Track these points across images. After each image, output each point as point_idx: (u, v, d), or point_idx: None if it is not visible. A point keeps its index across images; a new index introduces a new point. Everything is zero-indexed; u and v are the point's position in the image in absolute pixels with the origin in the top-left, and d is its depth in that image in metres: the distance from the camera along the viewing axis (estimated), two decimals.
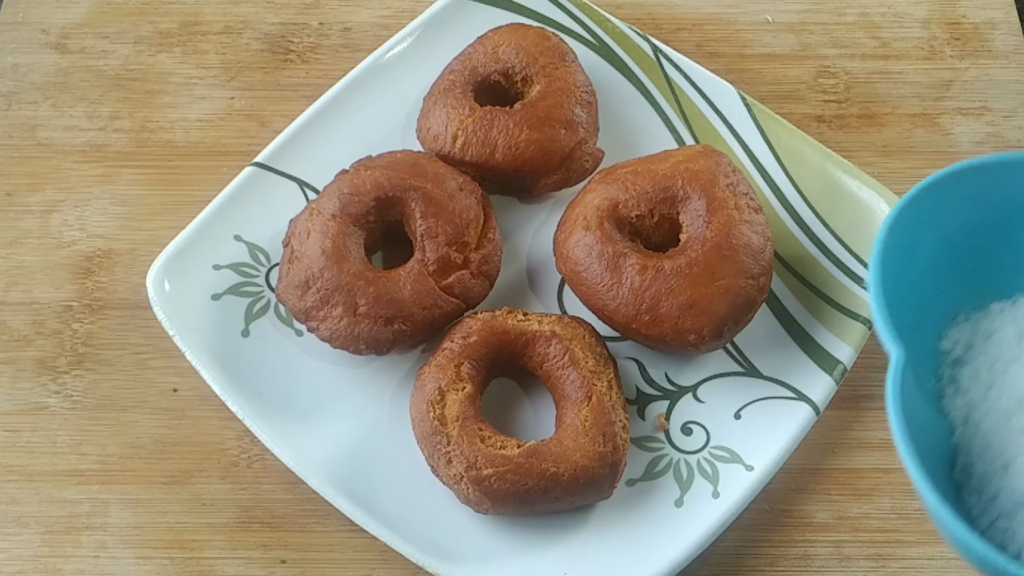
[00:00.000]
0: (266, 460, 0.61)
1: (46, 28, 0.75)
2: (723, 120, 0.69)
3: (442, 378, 0.58)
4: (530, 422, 0.61)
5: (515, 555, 0.57)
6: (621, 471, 0.57)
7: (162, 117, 0.72)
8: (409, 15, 0.73)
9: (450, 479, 0.57)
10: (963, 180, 0.48)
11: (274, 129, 0.69)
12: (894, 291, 0.46)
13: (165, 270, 0.62)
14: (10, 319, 0.65)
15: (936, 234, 0.49)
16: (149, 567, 0.59)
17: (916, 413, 0.45)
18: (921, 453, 0.42)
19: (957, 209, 0.49)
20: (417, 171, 0.62)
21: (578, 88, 0.66)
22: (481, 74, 0.67)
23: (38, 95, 0.72)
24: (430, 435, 0.57)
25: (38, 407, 0.63)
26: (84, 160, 0.70)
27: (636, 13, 0.75)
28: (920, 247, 0.49)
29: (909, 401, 0.44)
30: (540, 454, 0.56)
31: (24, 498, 0.60)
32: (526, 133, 0.64)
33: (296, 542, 0.59)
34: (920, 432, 0.44)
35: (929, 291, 0.49)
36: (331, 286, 0.59)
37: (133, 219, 0.68)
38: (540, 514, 0.57)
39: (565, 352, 0.58)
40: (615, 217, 0.61)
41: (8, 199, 0.69)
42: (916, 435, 0.43)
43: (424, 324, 0.60)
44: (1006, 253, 0.50)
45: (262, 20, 0.75)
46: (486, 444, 0.56)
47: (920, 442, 0.43)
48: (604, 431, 0.57)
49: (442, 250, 0.60)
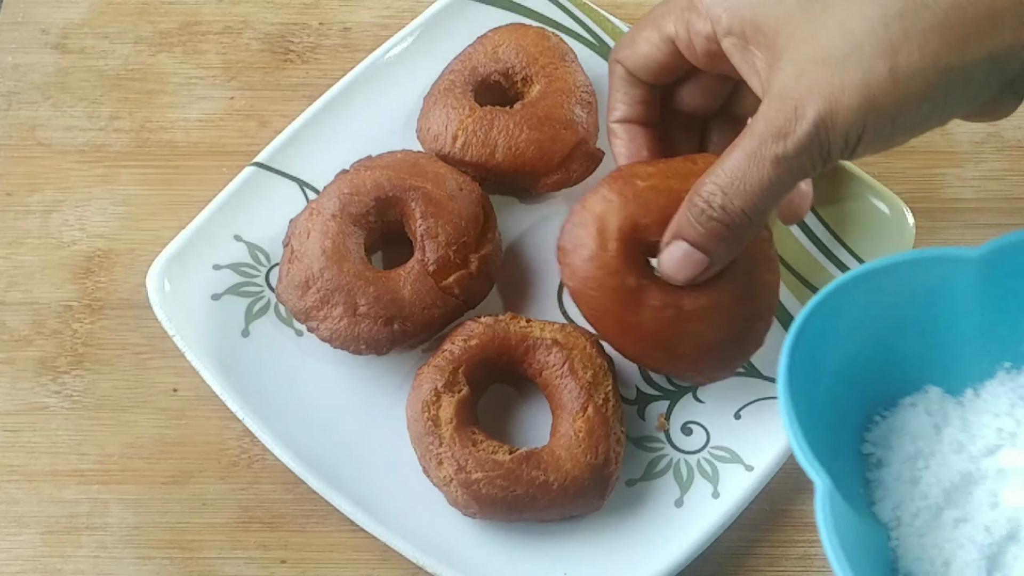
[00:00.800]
0: (266, 460, 0.61)
1: (46, 28, 0.75)
2: None
3: (439, 379, 0.58)
4: (525, 429, 0.61)
5: (515, 555, 0.57)
6: (612, 484, 0.57)
7: (162, 117, 0.72)
8: (409, 15, 0.72)
9: (440, 481, 0.57)
10: (863, 283, 0.48)
11: (274, 129, 0.69)
12: (808, 405, 0.45)
13: (165, 270, 0.62)
14: (10, 319, 0.65)
15: (842, 338, 0.48)
16: (149, 567, 0.59)
17: (850, 527, 0.44)
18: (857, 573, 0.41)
19: (860, 310, 0.48)
20: (417, 171, 0.62)
21: (578, 88, 0.66)
22: (481, 74, 0.67)
23: (38, 95, 0.72)
24: (423, 435, 0.57)
25: (38, 407, 0.63)
26: (84, 160, 0.70)
27: (636, 13, 0.75)
28: (829, 353, 0.48)
29: (841, 519, 0.43)
30: (531, 461, 0.56)
31: (24, 498, 0.60)
32: (526, 133, 0.64)
33: (296, 542, 0.59)
34: (858, 546, 0.43)
35: (844, 396, 0.49)
36: (331, 286, 0.59)
37: (133, 219, 0.68)
38: (528, 522, 0.57)
39: (565, 361, 0.58)
40: (634, 239, 0.54)
41: (8, 199, 0.69)
42: (854, 552, 0.42)
43: (424, 324, 0.60)
44: (911, 346, 0.50)
45: (262, 20, 0.75)
46: (478, 448, 0.56)
47: (859, 558, 0.42)
48: (598, 443, 0.56)
49: (442, 250, 0.60)
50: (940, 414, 0.51)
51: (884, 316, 0.49)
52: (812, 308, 0.47)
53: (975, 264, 0.48)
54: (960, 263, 0.48)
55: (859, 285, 0.47)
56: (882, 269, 0.48)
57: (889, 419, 0.50)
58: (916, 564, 0.46)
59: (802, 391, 0.46)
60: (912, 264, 0.48)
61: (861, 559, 0.43)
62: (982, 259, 0.48)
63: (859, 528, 0.46)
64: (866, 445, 0.49)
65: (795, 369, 0.46)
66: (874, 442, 0.49)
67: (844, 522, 0.43)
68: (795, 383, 0.45)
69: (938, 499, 0.47)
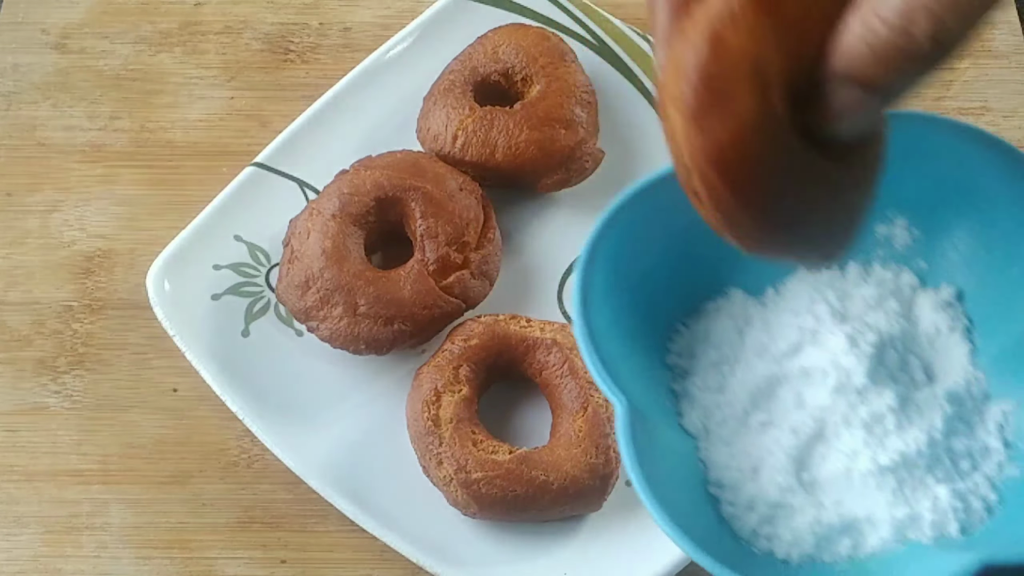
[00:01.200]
0: (266, 460, 0.61)
1: (46, 28, 0.75)
2: None
3: (439, 379, 0.58)
4: (526, 429, 0.61)
5: (515, 555, 0.57)
6: (612, 484, 0.57)
7: (162, 117, 0.72)
8: (409, 15, 0.72)
9: (440, 480, 0.57)
10: (654, 193, 0.45)
11: (274, 129, 0.69)
12: (611, 323, 0.44)
13: (165, 270, 0.62)
14: (10, 319, 0.65)
15: (640, 251, 0.46)
16: (149, 567, 0.59)
17: (659, 445, 0.43)
18: (663, 494, 0.40)
19: (655, 221, 0.46)
20: (417, 171, 0.62)
21: (578, 88, 0.66)
22: (481, 74, 0.67)
23: (38, 95, 0.72)
24: (423, 435, 0.57)
25: (38, 407, 0.63)
26: (84, 160, 0.70)
27: (636, 13, 0.75)
28: (627, 269, 0.45)
29: (647, 438, 0.42)
30: (531, 461, 0.56)
31: (24, 498, 0.60)
32: (526, 133, 0.64)
33: (296, 542, 0.59)
34: (667, 462, 0.42)
35: (648, 310, 0.47)
36: (331, 286, 0.59)
37: (133, 219, 0.68)
38: (528, 522, 0.57)
39: (565, 361, 0.58)
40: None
41: (8, 199, 0.69)
42: (662, 470, 0.41)
43: (424, 324, 0.60)
44: (712, 251, 0.44)
45: (262, 20, 0.75)
46: (478, 448, 0.56)
47: (667, 475, 0.41)
48: (598, 443, 0.57)
49: (442, 250, 0.60)
50: (743, 317, 0.48)
51: (682, 223, 0.46)
52: (603, 224, 0.44)
53: None
54: None
55: (649, 196, 0.45)
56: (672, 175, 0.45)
57: (692, 327, 0.48)
58: (725, 473, 0.45)
59: (603, 310, 0.44)
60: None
61: (669, 476, 0.42)
62: None
63: (669, 444, 0.45)
64: (671, 356, 0.48)
65: (592, 289, 0.44)
66: (679, 352, 0.48)
67: (650, 440, 0.42)
68: (593, 304, 0.43)
69: (744, 404, 0.46)
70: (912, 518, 0.42)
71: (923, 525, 0.42)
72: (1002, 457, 0.43)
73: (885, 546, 0.42)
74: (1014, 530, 0.40)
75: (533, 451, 0.57)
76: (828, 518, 0.43)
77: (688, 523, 0.39)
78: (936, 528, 0.42)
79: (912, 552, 0.41)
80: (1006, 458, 0.43)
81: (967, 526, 0.42)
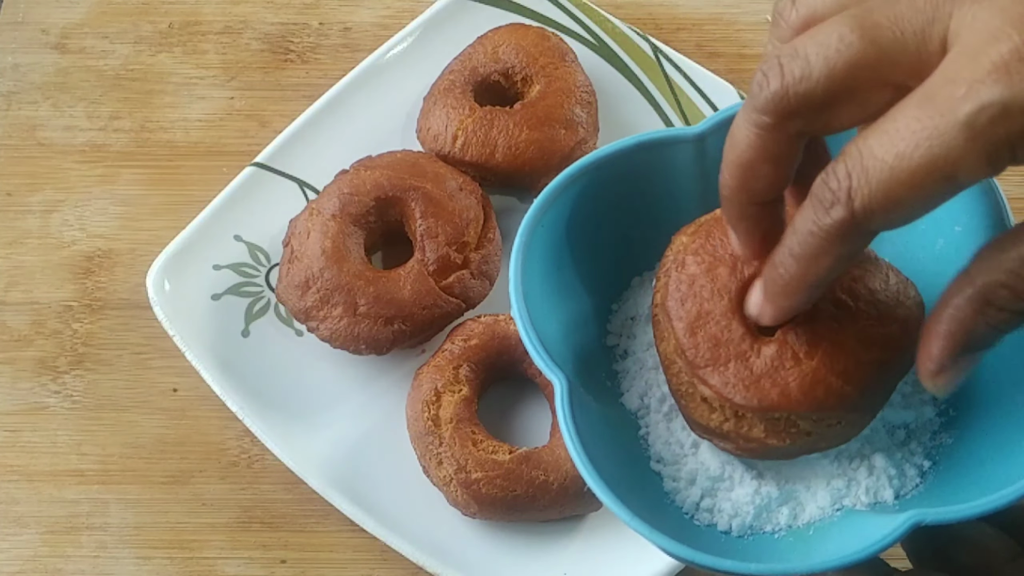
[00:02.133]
0: (266, 460, 0.61)
1: (46, 28, 0.75)
2: None
3: (439, 379, 0.58)
4: (526, 429, 0.61)
5: (515, 555, 0.57)
6: None
7: (162, 117, 0.72)
8: (409, 15, 0.72)
9: (440, 480, 0.57)
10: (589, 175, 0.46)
11: (274, 129, 0.69)
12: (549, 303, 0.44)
13: (165, 270, 0.62)
14: (10, 319, 0.65)
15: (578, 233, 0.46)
16: (149, 567, 0.59)
17: (598, 423, 0.43)
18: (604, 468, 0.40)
19: (591, 202, 0.46)
20: (417, 171, 0.62)
21: (578, 88, 0.66)
22: (481, 74, 0.67)
23: (38, 95, 0.72)
24: (423, 435, 0.57)
25: (38, 407, 0.63)
26: (84, 160, 0.70)
27: (636, 13, 0.75)
28: (565, 249, 0.46)
29: (587, 416, 0.42)
30: (531, 461, 0.56)
31: (24, 498, 0.60)
32: (526, 133, 0.64)
33: (296, 542, 0.59)
34: (606, 440, 0.42)
35: (585, 290, 0.47)
36: (331, 286, 0.59)
37: (133, 219, 0.68)
38: (528, 522, 0.57)
39: None
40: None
41: (8, 199, 0.69)
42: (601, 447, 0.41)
43: (424, 324, 0.60)
44: (645, 232, 0.47)
45: (262, 20, 0.75)
46: (478, 448, 0.56)
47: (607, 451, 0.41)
48: None
49: (442, 250, 0.60)
50: None
51: (617, 205, 0.46)
52: (541, 203, 0.45)
53: (693, 143, 0.46)
54: (680, 143, 0.46)
55: (584, 177, 0.45)
56: (606, 157, 0.45)
57: (623, 306, 0.48)
58: (665, 449, 0.45)
59: (541, 291, 0.44)
60: (636, 149, 0.46)
61: (612, 453, 0.42)
62: (699, 136, 0.46)
63: (608, 422, 0.45)
64: (610, 337, 0.48)
65: (529, 272, 0.44)
66: (616, 332, 0.48)
67: (591, 418, 0.42)
68: (531, 285, 0.43)
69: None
70: (848, 486, 0.43)
71: (859, 492, 0.43)
72: (936, 426, 0.44)
73: (823, 514, 0.43)
74: (944, 492, 0.41)
75: (533, 451, 0.57)
76: (767, 489, 0.43)
77: (631, 497, 0.39)
78: (872, 495, 0.42)
79: (848, 518, 0.42)
80: (939, 427, 0.44)
81: (901, 492, 0.43)
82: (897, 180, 0.31)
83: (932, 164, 0.30)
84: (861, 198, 0.31)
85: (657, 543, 0.39)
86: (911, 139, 0.30)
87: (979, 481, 0.40)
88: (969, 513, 0.37)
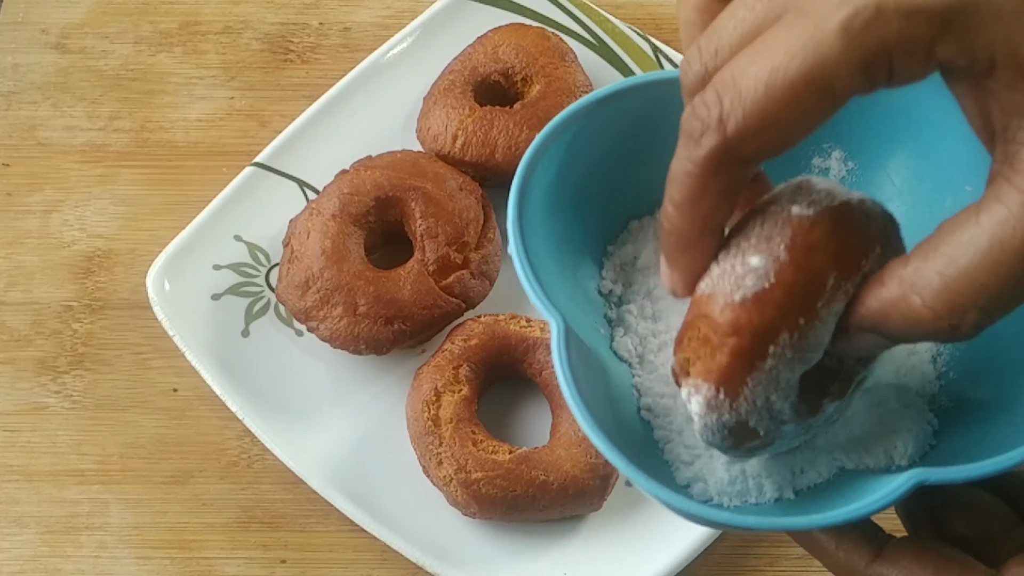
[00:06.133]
0: (266, 460, 0.61)
1: (46, 28, 0.75)
2: None
3: (439, 379, 0.58)
4: (526, 429, 0.61)
5: (515, 555, 0.57)
6: (612, 484, 0.57)
7: (162, 117, 0.72)
8: (409, 15, 0.73)
9: (440, 480, 0.57)
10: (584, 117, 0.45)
11: (274, 129, 0.69)
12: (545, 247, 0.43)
13: (165, 270, 0.62)
14: (10, 319, 0.65)
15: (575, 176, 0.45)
16: (149, 567, 0.59)
17: (591, 368, 0.43)
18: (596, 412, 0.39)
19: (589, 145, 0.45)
20: (417, 171, 0.62)
21: (578, 88, 0.66)
22: (481, 74, 0.67)
23: (38, 95, 0.72)
24: (423, 435, 0.57)
25: (38, 407, 0.63)
26: (84, 160, 0.70)
27: (636, 13, 0.75)
28: (562, 193, 0.45)
29: (581, 359, 0.41)
30: (531, 461, 0.56)
31: (24, 498, 0.60)
32: (526, 133, 0.64)
33: (296, 542, 0.59)
34: (598, 385, 0.42)
35: (582, 235, 0.46)
36: (331, 286, 0.59)
37: (133, 219, 0.68)
38: (528, 521, 0.57)
39: None
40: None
41: (8, 199, 0.69)
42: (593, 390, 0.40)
43: (424, 324, 0.60)
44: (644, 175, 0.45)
45: (262, 20, 0.75)
46: (478, 448, 0.56)
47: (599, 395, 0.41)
48: None
49: (442, 250, 0.60)
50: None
51: (614, 148, 0.46)
52: (539, 144, 0.44)
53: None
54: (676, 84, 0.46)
55: (579, 120, 0.44)
56: (601, 99, 0.45)
57: (619, 250, 0.48)
58: (658, 400, 0.44)
59: (538, 234, 0.43)
60: (631, 90, 0.46)
61: (604, 397, 0.42)
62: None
63: (601, 368, 0.45)
64: (605, 283, 0.47)
65: (527, 211, 0.43)
66: (612, 278, 0.47)
67: (586, 362, 0.42)
68: (529, 226, 0.43)
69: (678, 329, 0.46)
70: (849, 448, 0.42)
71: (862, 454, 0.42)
72: (935, 389, 0.43)
73: (819, 478, 0.42)
74: (947, 454, 0.41)
75: (533, 451, 0.57)
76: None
77: (622, 443, 0.39)
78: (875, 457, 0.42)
79: (845, 478, 0.41)
80: (938, 390, 0.43)
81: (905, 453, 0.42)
82: (772, 98, 0.29)
83: (808, 74, 0.29)
84: (735, 120, 0.30)
85: (652, 492, 0.38)
86: (786, 52, 0.29)
87: (984, 442, 0.39)
88: (975, 473, 0.35)
